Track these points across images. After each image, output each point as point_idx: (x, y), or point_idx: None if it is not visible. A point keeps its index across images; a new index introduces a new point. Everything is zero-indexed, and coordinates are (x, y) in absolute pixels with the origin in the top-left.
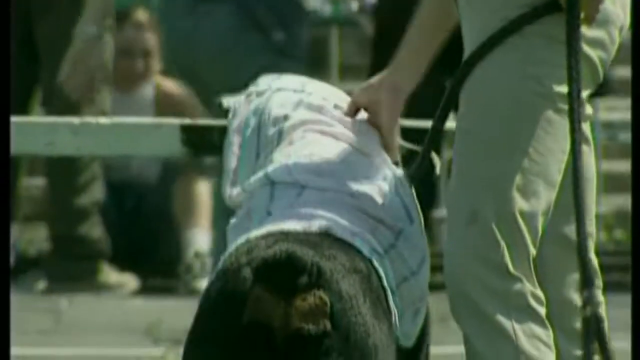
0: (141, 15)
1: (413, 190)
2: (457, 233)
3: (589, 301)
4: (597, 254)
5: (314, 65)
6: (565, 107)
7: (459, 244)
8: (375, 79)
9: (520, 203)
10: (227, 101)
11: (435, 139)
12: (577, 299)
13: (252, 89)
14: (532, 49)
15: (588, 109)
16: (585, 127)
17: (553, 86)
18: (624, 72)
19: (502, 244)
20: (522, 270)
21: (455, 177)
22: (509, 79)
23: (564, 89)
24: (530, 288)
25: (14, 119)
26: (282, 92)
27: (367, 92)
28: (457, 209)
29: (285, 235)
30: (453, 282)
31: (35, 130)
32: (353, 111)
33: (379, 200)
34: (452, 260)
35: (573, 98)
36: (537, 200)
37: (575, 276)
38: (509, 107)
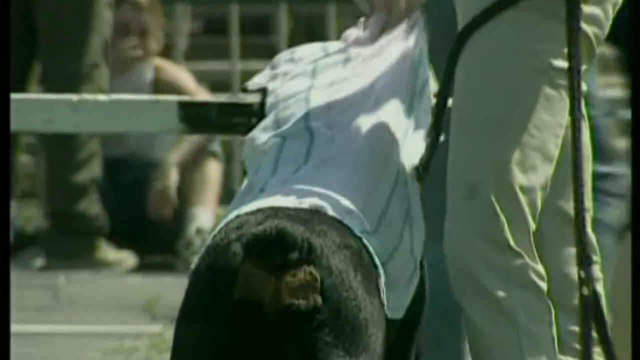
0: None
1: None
2: (456, 209)
3: (586, 280)
4: (594, 229)
5: (312, 41)
6: (562, 82)
7: (458, 219)
8: None
9: (519, 177)
10: (253, 83)
11: (439, 119)
12: (576, 274)
13: (275, 69)
14: (528, 24)
15: (583, 85)
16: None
17: (550, 60)
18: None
19: (502, 218)
20: (522, 245)
21: (453, 152)
22: (505, 53)
23: (560, 63)
24: (531, 263)
25: (12, 96)
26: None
27: None
28: (455, 184)
29: (276, 212)
30: (453, 257)
31: (33, 107)
32: None
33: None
34: (452, 236)
35: (573, 75)
36: (535, 174)
37: (574, 251)
38: (505, 81)
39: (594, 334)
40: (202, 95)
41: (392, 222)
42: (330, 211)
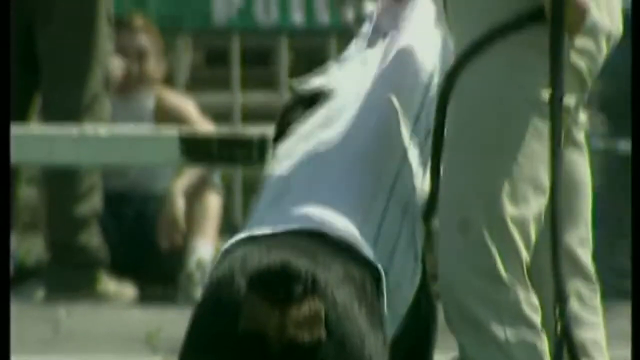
0: (137, 19)
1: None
2: (449, 241)
3: (561, 317)
4: (595, 258)
5: (312, 74)
6: None
7: (451, 252)
8: None
9: (509, 209)
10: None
11: (437, 156)
12: (575, 306)
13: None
14: (517, 56)
15: (582, 117)
16: (579, 135)
17: (539, 93)
18: None
19: (494, 250)
20: (515, 277)
21: (445, 185)
22: (495, 85)
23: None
24: (524, 295)
25: (13, 129)
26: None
27: None
28: (448, 217)
29: (280, 242)
30: (446, 290)
31: (35, 140)
32: None
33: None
34: (445, 269)
35: (555, 104)
36: (526, 205)
37: (572, 283)
38: (495, 113)
39: None
40: (204, 125)
41: (391, 223)
42: (333, 233)
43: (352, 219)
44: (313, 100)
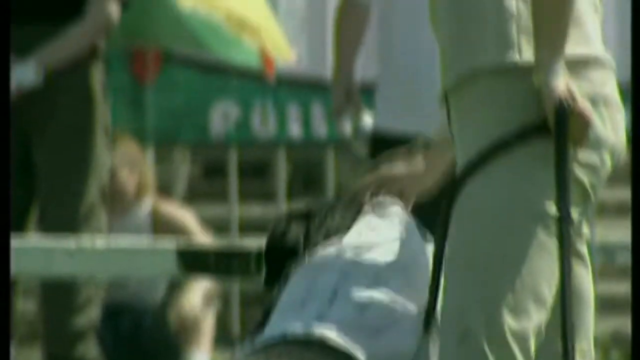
0: (127, 136)
1: None
2: (449, 352)
3: None
4: None
5: (311, 186)
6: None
7: None
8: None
9: (510, 322)
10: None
11: (437, 266)
12: None
13: None
14: (522, 168)
15: (585, 230)
16: (582, 248)
17: (544, 207)
18: (620, 193)
19: None
20: None
21: (447, 296)
22: (499, 197)
23: (554, 209)
24: None
25: (12, 240)
26: None
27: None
28: (448, 328)
29: (289, 350)
30: None
31: (32, 252)
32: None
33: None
34: None
35: (562, 219)
36: (527, 319)
37: None
38: (499, 225)
39: None
40: (203, 236)
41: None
42: (337, 345)
43: (364, 335)
44: (307, 216)
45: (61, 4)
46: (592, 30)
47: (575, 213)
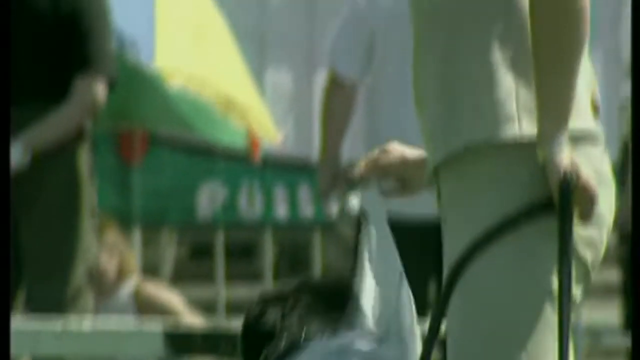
0: (107, 220)
1: None
2: None
3: None
4: None
5: (297, 267)
6: None
7: None
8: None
9: None
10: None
11: (432, 340)
12: None
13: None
14: (528, 245)
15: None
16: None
17: (549, 282)
18: (607, 274)
19: None
20: None
21: None
22: (504, 274)
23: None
24: None
25: None
26: None
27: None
28: None
29: None
30: None
31: (18, 334)
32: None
33: None
34: None
35: (563, 296)
36: None
37: None
38: (505, 302)
39: None
40: (188, 316)
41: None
42: None
43: None
44: (281, 299)
45: (47, 85)
46: (587, 106)
47: (577, 291)
